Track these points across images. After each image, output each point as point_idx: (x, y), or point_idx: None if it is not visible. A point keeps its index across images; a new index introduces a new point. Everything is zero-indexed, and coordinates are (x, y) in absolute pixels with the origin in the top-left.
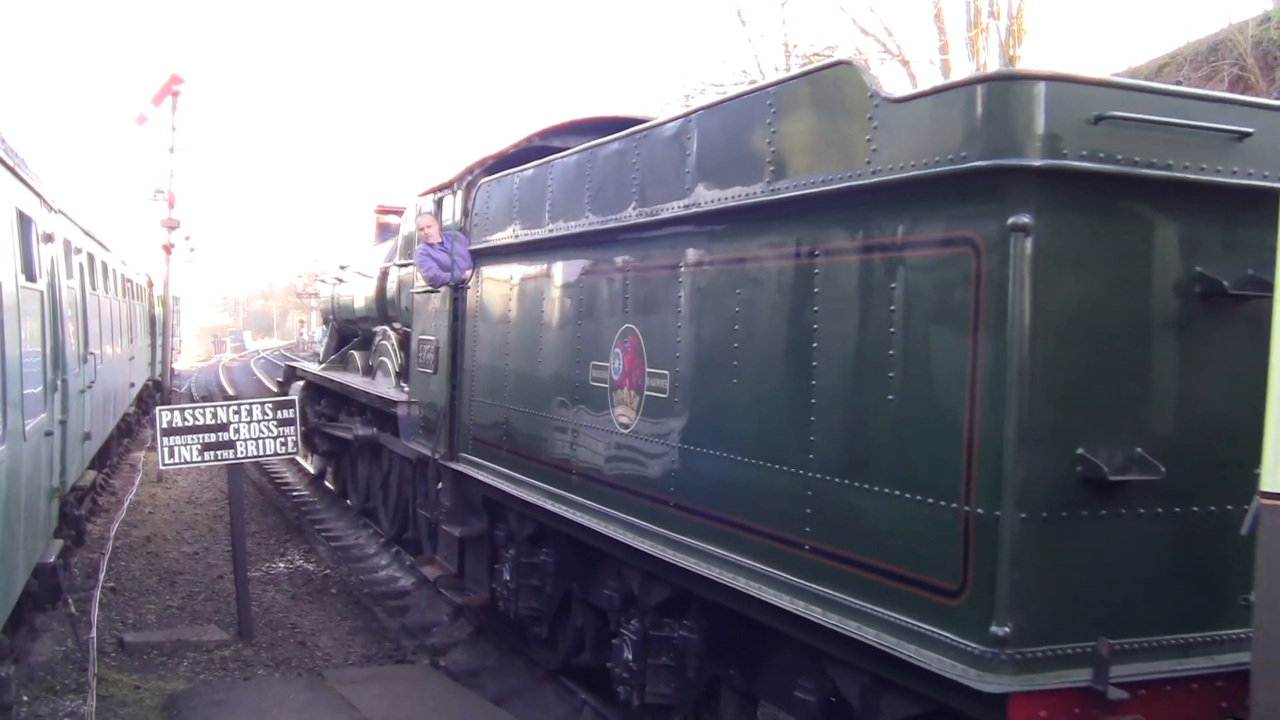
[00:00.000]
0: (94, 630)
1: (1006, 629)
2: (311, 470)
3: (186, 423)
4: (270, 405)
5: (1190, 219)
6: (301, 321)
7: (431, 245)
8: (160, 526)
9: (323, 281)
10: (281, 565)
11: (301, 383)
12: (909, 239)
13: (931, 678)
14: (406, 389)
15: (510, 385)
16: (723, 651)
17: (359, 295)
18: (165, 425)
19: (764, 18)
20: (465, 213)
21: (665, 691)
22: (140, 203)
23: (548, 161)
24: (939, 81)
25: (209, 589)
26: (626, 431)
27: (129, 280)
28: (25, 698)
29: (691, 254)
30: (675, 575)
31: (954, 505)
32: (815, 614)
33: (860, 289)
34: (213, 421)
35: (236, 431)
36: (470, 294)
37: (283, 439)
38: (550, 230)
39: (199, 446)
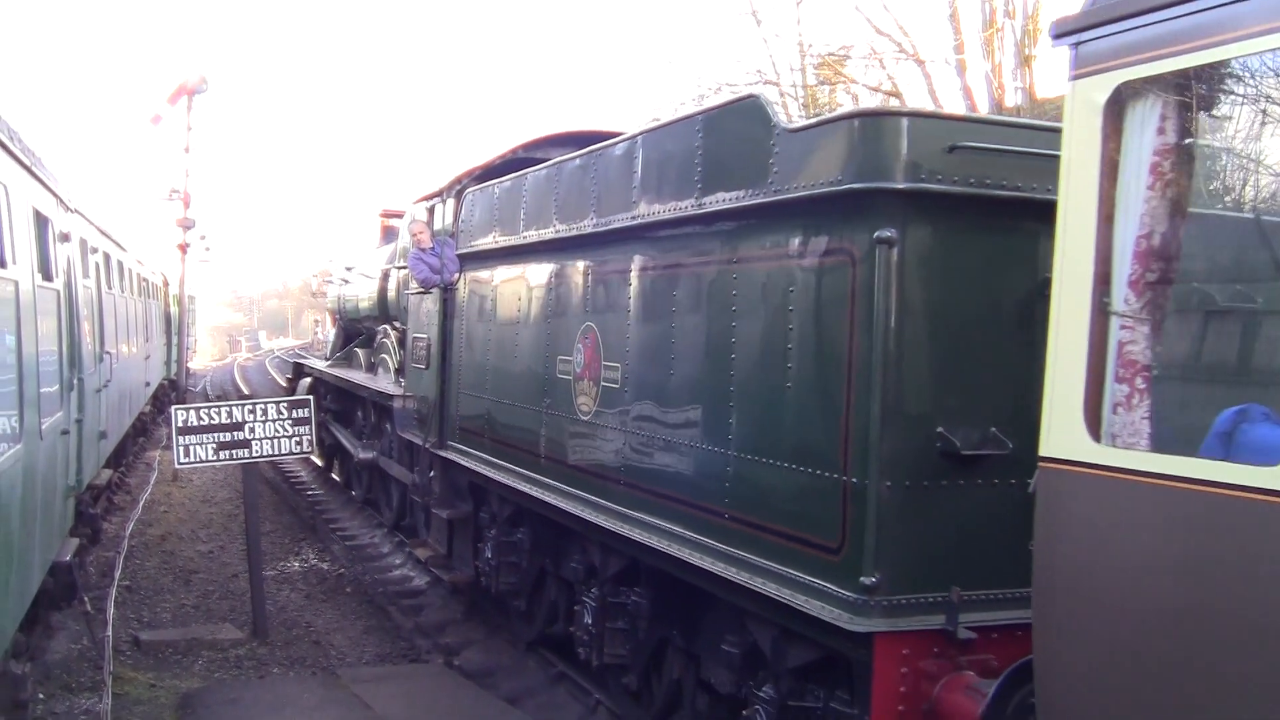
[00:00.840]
0: (109, 628)
1: (874, 578)
2: (320, 463)
3: (202, 422)
4: (285, 405)
5: (1032, 231)
6: (316, 321)
7: (423, 250)
8: (175, 525)
9: (330, 282)
10: (296, 564)
11: (309, 379)
12: (802, 249)
13: (820, 624)
14: (403, 384)
15: (491, 379)
16: (668, 615)
17: (362, 296)
18: (181, 424)
19: (779, 17)
20: (454, 219)
21: (620, 652)
22: (156, 202)
23: (522, 174)
24: (827, 114)
25: (224, 588)
26: (586, 419)
27: (145, 279)
28: (41, 695)
29: (638, 260)
30: (626, 546)
31: (835, 476)
32: (732, 573)
33: (766, 292)
34: (228, 421)
35: (251, 431)
36: (458, 295)
37: (298, 438)
38: (524, 237)
39: (214, 445)
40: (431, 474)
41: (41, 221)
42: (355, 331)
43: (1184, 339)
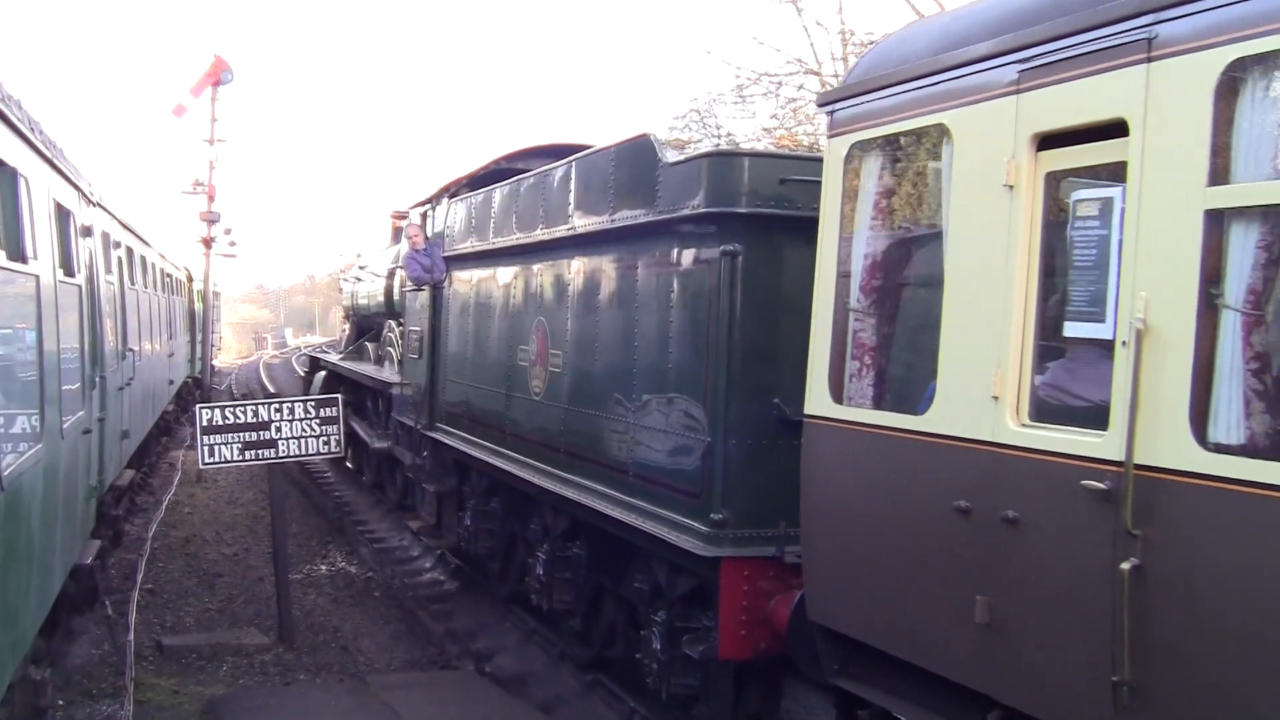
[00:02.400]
0: (131, 633)
1: (722, 515)
2: (350, 466)
3: (227, 421)
4: (313, 404)
5: None
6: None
7: (417, 251)
8: (199, 527)
9: (345, 280)
10: (323, 567)
11: (324, 373)
12: (679, 258)
13: (691, 556)
14: (401, 373)
15: (469, 367)
16: (602, 564)
17: (372, 293)
18: (205, 423)
19: (821, 5)
20: (441, 225)
21: (566, 599)
22: (179, 196)
23: (492, 189)
24: (692, 153)
25: (249, 591)
26: (538, 398)
27: (168, 275)
28: (61, 702)
29: (574, 264)
30: (564, 505)
31: (700, 437)
32: (632, 519)
33: (655, 292)
34: (254, 420)
35: (278, 430)
36: (444, 293)
37: (325, 438)
38: (493, 243)
39: (239, 446)
40: (425, 454)
41: (63, 215)
42: (367, 327)
43: (896, 327)
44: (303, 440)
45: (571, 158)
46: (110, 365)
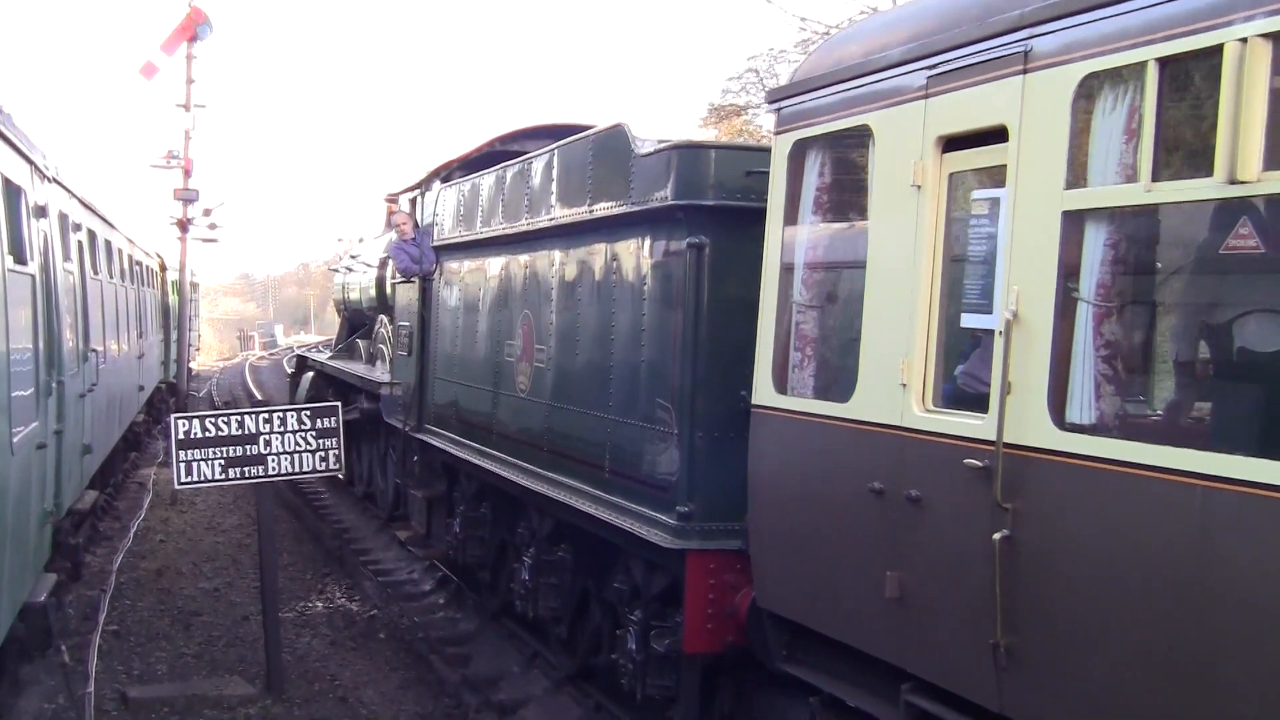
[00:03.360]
0: (91, 683)
1: (688, 508)
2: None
3: (207, 433)
4: (308, 413)
5: None
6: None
7: (405, 240)
8: (174, 558)
9: (335, 270)
10: (319, 604)
11: (311, 374)
12: (651, 250)
13: (659, 550)
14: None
15: (458, 364)
16: (586, 567)
17: (364, 285)
18: (182, 436)
19: None
20: (429, 213)
21: (552, 604)
22: (149, 171)
23: (481, 175)
24: (660, 145)
25: (231, 633)
26: (524, 396)
27: (137, 263)
28: None
29: (556, 256)
30: (549, 506)
31: (669, 430)
32: (609, 516)
33: (631, 285)
34: (239, 432)
35: (267, 444)
36: (434, 285)
37: (323, 453)
38: (481, 233)
39: (221, 462)
40: (415, 458)
41: (13, 192)
42: (359, 322)
43: (832, 319)
44: (296, 456)
45: (553, 146)
46: (69, 369)
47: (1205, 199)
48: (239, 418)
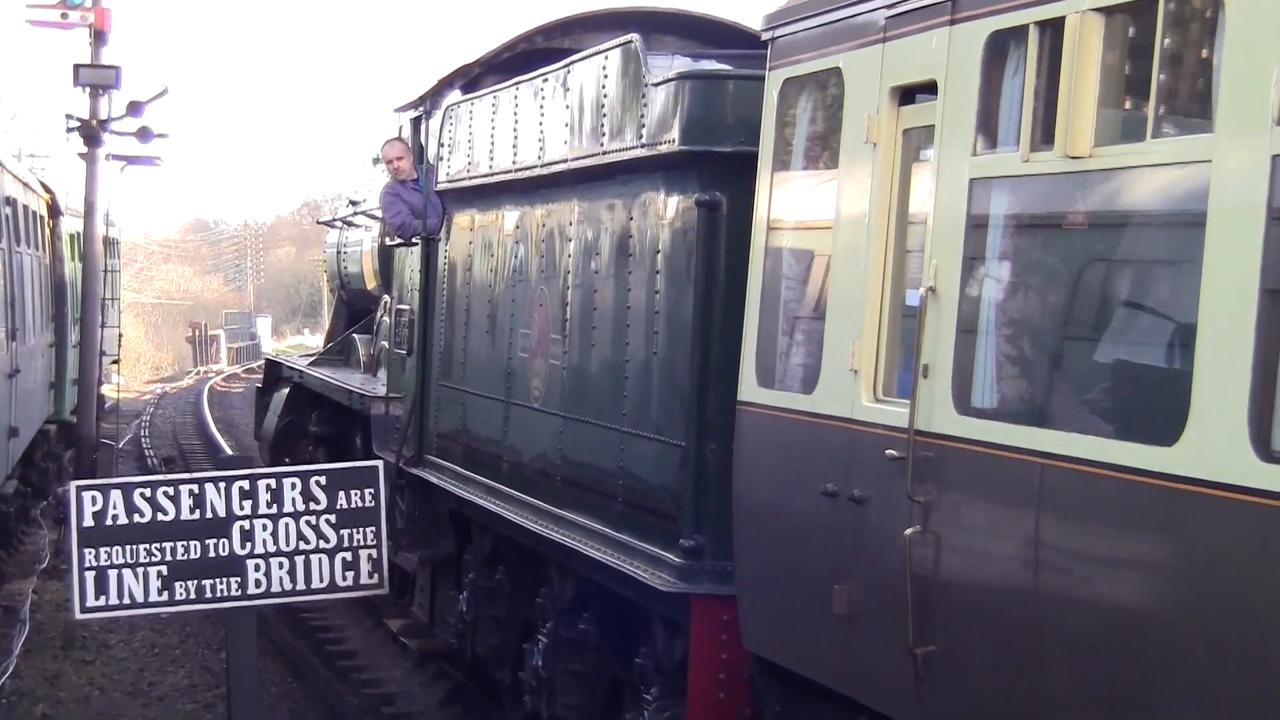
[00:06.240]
0: None
1: (695, 541)
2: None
3: (136, 517)
4: (322, 480)
5: None
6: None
7: (403, 183)
8: None
9: (331, 226)
10: None
11: (288, 389)
12: (664, 209)
13: (660, 596)
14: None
15: (469, 365)
16: (615, 643)
17: (366, 250)
18: (90, 523)
19: None
20: (438, 141)
21: (574, 700)
22: (23, 29)
23: (504, 87)
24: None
25: None
26: (537, 407)
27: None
28: None
29: (573, 210)
30: (566, 558)
31: (674, 442)
32: (610, 557)
33: (645, 253)
34: (194, 516)
35: (246, 538)
36: (441, 250)
37: (349, 554)
38: (494, 174)
39: (162, 571)
40: (407, 505)
41: None
42: (361, 307)
43: (821, 297)
44: (301, 561)
45: (567, 61)
46: None
47: (1050, 173)
48: (195, 488)
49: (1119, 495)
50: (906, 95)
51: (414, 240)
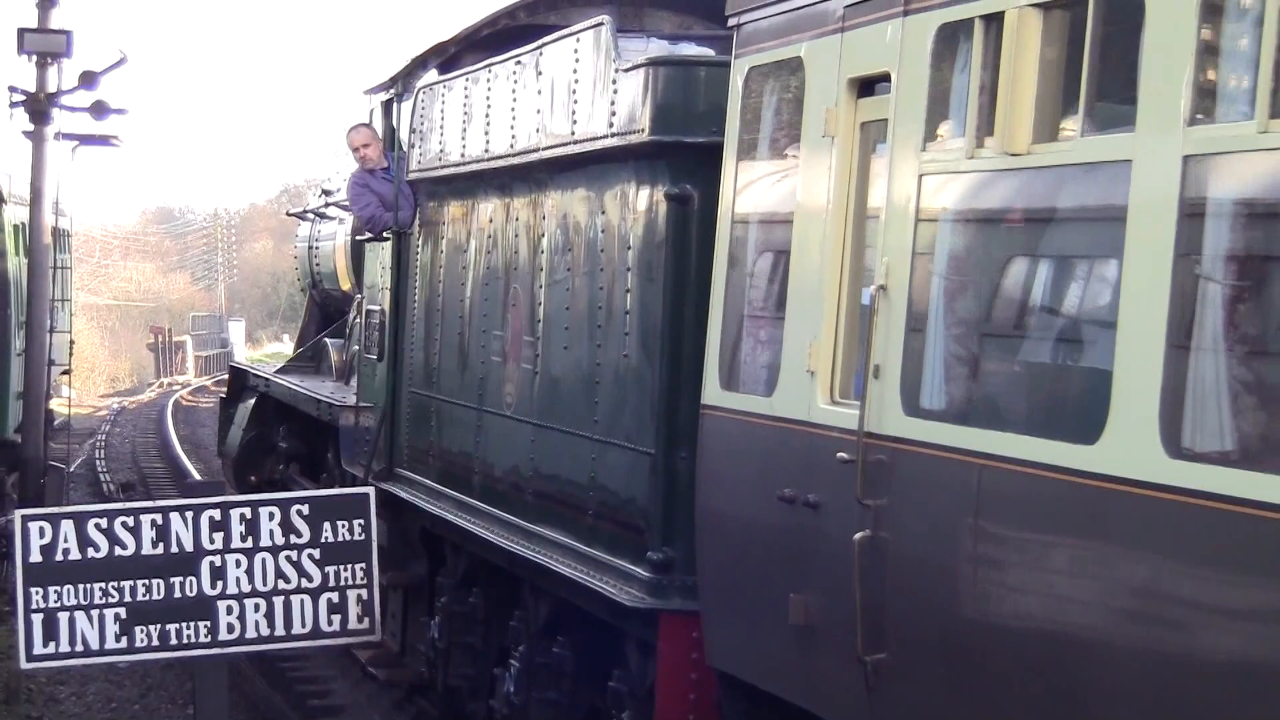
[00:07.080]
0: None
1: (663, 554)
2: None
3: (90, 552)
4: (305, 510)
5: None
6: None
7: (372, 172)
8: None
9: (301, 218)
10: None
11: (254, 400)
12: (635, 202)
13: (627, 613)
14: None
15: (441, 371)
16: (593, 669)
17: (338, 245)
18: (37, 559)
19: None
20: (409, 125)
21: None
22: None
23: (481, 67)
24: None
25: None
26: (509, 414)
27: None
28: None
29: (546, 202)
30: (538, 577)
31: (641, 450)
32: (578, 573)
33: (616, 249)
34: (157, 550)
35: (217, 576)
36: (412, 245)
37: (336, 595)
38: (467, 161)
39: (120, 614)
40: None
41: None
42: (333, 310)
43: (783, 297)
44: (279, 602)
45: (545, 39)
46: None
47: (991, 170)
48: (158, 518)
49: (1049, 495)
50: (865, 87)
51: (384, 235)
